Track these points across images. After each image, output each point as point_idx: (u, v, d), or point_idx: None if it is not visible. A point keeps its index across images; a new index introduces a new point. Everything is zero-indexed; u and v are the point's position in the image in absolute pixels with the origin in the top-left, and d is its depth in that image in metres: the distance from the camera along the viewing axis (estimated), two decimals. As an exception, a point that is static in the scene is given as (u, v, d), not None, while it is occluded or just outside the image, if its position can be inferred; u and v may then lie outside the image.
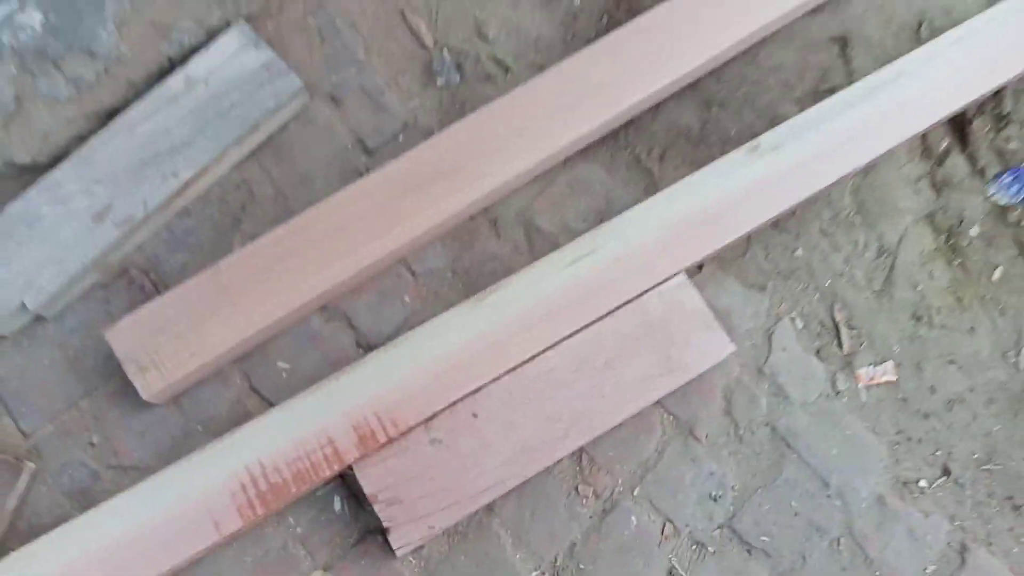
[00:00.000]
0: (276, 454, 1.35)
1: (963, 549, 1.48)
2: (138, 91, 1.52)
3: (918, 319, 1.62)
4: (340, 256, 1.46)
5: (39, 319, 1.48)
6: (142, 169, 1.47)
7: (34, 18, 1.43)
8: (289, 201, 1.56)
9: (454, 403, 1.40)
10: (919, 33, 1.72)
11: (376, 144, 1.61)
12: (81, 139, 1.50)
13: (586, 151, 1.63)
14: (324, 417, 1.37)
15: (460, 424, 1.39)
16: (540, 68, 1.65)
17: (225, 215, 1.55)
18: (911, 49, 1.63)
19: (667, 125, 1.67)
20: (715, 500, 1.47)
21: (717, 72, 1.68)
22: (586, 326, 1.45)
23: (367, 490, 1.35)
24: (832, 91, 1.64)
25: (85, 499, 1.41)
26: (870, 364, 1.58)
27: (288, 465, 1.35)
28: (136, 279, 1.50)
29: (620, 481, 1.47)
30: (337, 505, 1.43)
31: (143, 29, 1.49)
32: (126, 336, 1.38)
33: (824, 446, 1.51)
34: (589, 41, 1.64)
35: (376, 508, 1.35)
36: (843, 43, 1.72)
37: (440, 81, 1.66)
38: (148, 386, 1.37)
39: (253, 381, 1.48)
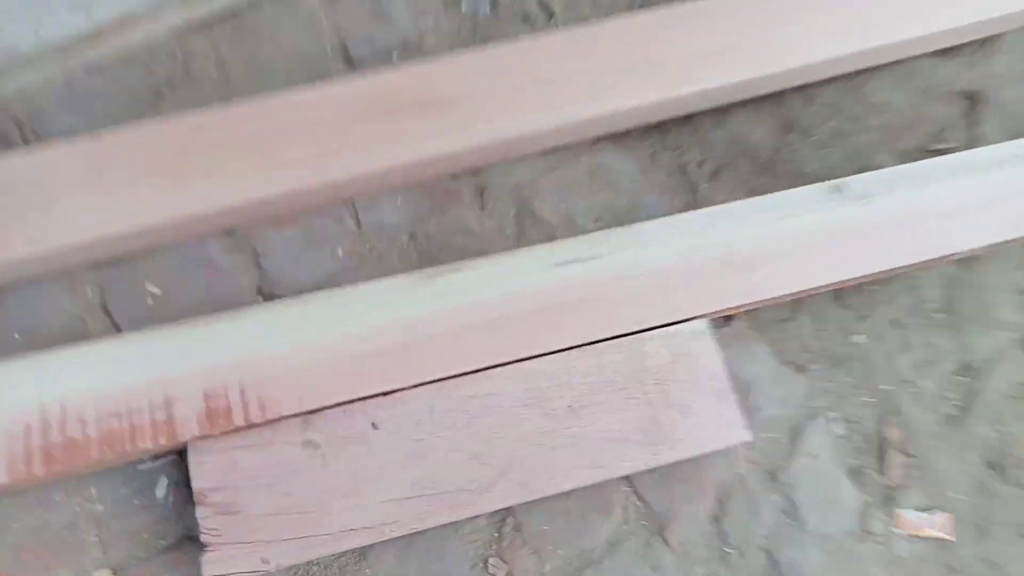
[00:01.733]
0: (88, 400, 0.97)
1: None
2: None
3: (993, 468, 1.23)
4: (268, 169, 1.11)
5: None
6: (51, -8, 1.13)
7: None
8: (232, 90, 1.22)
9: (350, 401, 1.01)
10: (1069, 114, 1.38)
11: (362, 55, 1.28)
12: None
13: (622, 137, 1.29)
14: (170, 368, 0.99)
15: (351, 432, 1.01)
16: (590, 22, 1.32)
17: (145, 86, 1.21)
18: (1057, 128, 1.30)
19: (730, 137, 1.33)
20: (668, 634, 1.06)
21: (808, 91, 1.37)
22: (556, 351, 1.07)
23: (196, 484, 0.96)
24: (944, 153, 1.32)
25: None
26: (919, 508, 1.18)
27: (98, 420, 0.96)
28: (5, 128, 1.15)
29: (548, 568, 1.06)
30: (160, 490, 1.04)
31: None
32: (-51, 188, 1.03)
33: (834, 601, 1.10)
34: (656, 5, 1.31)
35: (199, 512, 0.95)
36: (972, 100, 1.39)
37: (465, 6, 1.33)
38: (-45, 261, 1.01)
39: (108, 298, 1.12)
